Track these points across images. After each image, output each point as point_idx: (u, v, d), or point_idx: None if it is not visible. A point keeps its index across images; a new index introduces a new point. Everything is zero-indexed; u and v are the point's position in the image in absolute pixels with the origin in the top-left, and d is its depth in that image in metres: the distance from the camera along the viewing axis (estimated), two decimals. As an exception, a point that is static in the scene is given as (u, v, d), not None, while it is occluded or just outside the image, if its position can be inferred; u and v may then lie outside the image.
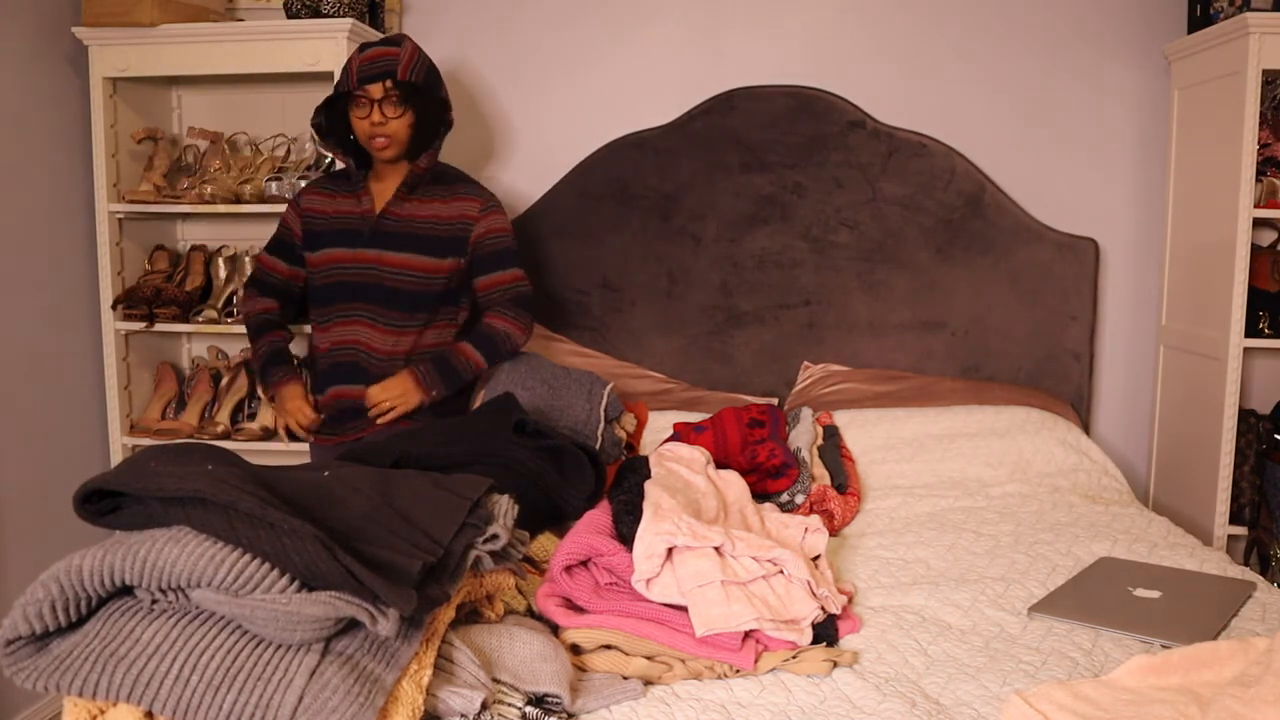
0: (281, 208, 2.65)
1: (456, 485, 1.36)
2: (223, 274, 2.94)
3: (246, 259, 2.93)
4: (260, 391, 2.81)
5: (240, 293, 2.89)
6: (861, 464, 2.42)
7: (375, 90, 2.23)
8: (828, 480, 2.18)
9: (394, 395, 2.24)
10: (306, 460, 2.49)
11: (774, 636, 1.38)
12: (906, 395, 2.75)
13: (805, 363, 2.92)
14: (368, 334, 2.33)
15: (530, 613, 1.43)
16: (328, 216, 2.38)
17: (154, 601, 1.10)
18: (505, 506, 1.37)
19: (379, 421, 2.25)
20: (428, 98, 2.29)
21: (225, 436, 2.83)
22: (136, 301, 2.79)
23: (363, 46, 2.29)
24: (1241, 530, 2.63)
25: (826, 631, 1.44)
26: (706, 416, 2.50)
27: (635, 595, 1.42)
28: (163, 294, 2.79)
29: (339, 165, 2.51)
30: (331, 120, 2.33)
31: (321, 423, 2.37)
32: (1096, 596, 1.63)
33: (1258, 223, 2.60)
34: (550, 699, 1.22)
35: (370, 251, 2.32)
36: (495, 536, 1.31)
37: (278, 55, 2.70)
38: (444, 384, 2.27)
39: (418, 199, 2.33)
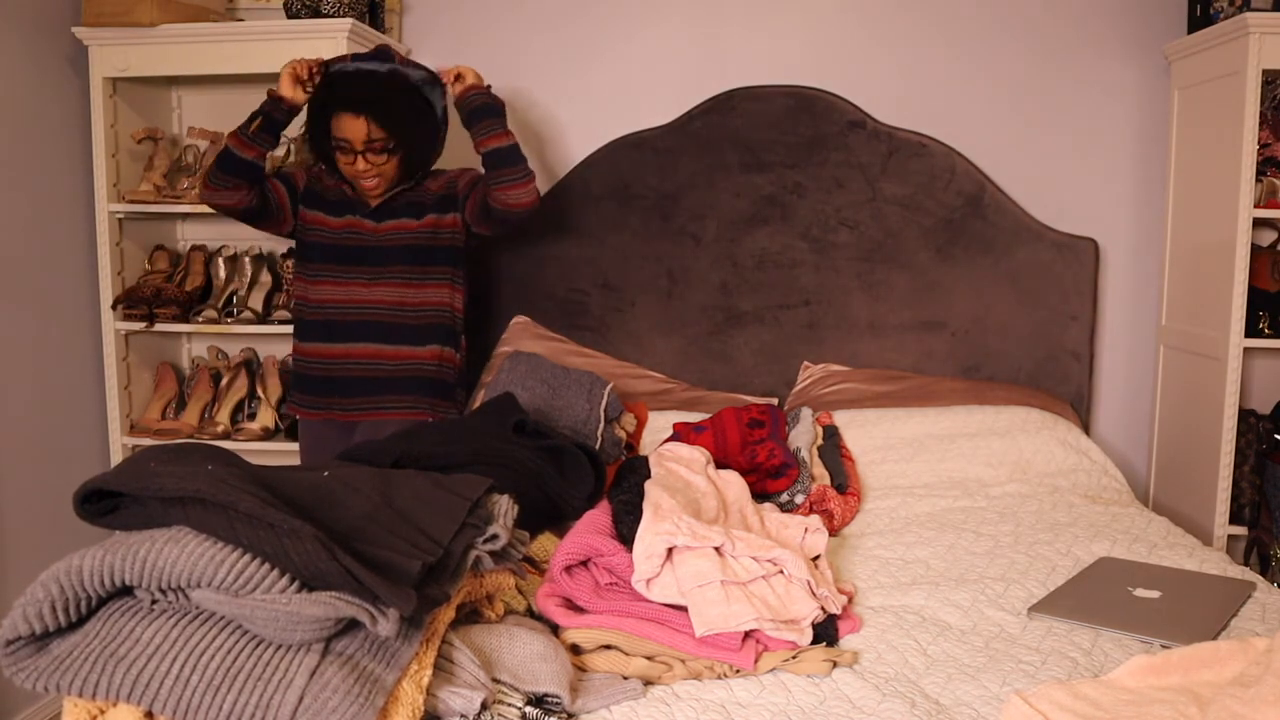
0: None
1: (456, 485, 1.36)
2: (223, 274, 2.94)
3: (246, 259, 2.93)
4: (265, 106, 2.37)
5: (240, 294, 2.90)
6: (861, 464, 2.42)
7: (356, 141, 2.25)
8: (827, 480, 2.18)
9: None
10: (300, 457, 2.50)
11: (774, 636, 1.38)
12: (906, 395, 2.75)
13: (805, 363, 2.92)
14: (387, 292, 2.36)
15: (530, 613, 1.43)
16: (327, 186, 2.43)
17: (154, 602, 1.10)
18: (505, 506, 1.37)
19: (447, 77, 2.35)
20: (412, 136, 2.32)
21: (225, 436, 2.83)
22: (136, 301, 2.79)
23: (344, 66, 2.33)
24: (1241, 530, 2.63)
25: (826, 631, 1.44)
26: (706, 416, 2.50)
27: (635, 595, 1.42)
28: (163, 294, 2.79)
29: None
30: (313, 135, 2.36)
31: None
32: (1096, 596, 1.63)
33: (1258, 223, 2.59)
34: (550, 699, 1.22)
35: (366, 221, 2.37)
36: (495, 536, 1.31)
37: (278, 55, 2.68)
38: (497, 109, 2.35)
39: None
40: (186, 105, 3.11)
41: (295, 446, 2.61)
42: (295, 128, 2.92)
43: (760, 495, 2.03)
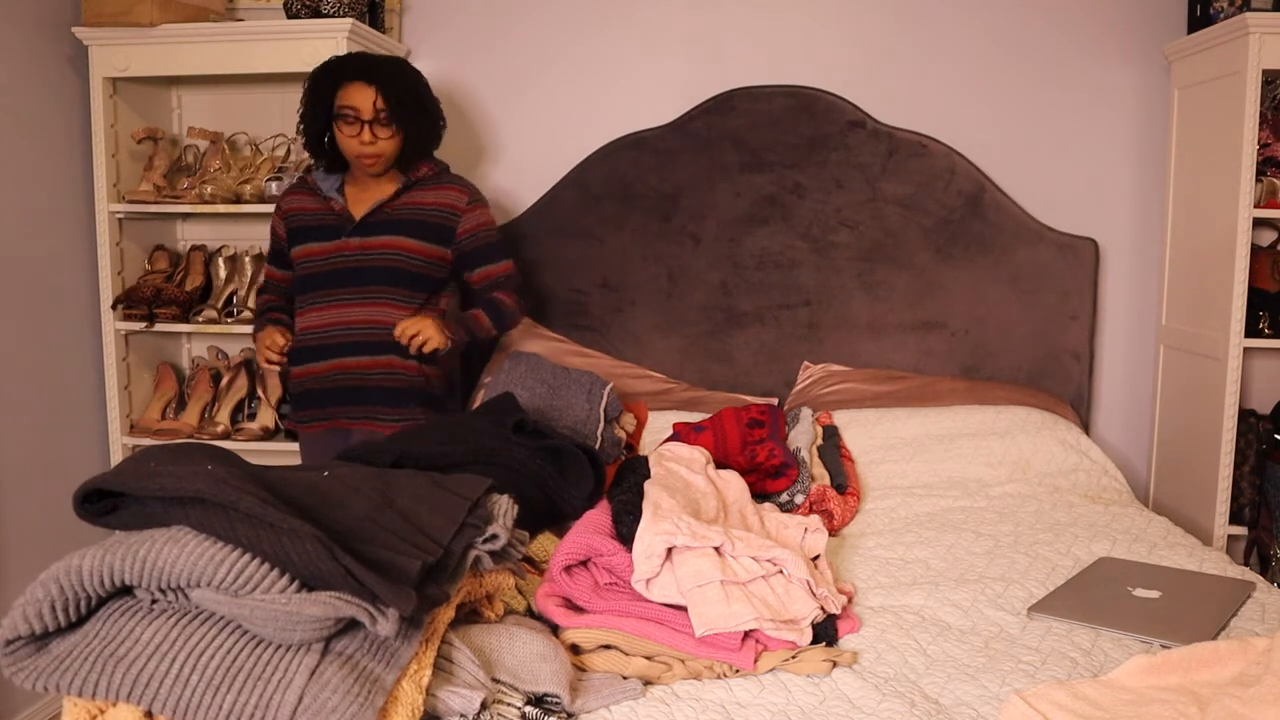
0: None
1: (456, 485, 1.36)
2: (222, 274, 2.94)
3: (246, 259, 2.93)
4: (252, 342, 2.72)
5: (240, 294, 2.90)
6: (861, 464, 2.42)
7: (365, 110, 2.24)
8: (827, 480, 2.18)
9: (423, 327, 2.24)
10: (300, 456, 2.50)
11: (773, 636, 1.38)
12: (906, 395, 2.75)
13: (805, 363, 2.92)
14: (369, 312, 2.32)
15: (530, 613, 1.43)
16: (310, 213, 2.40)
17: (154, 601, 1.10)
18: (505, 506, 1.37)
19: (411, 349, 2.26)
20: (418, 114, 2.31)
21: (225, 436, 2.83)
22: (136, 301, 2.79)
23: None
24: (1241, 530, 2.63)
25: (826, 631, 1.44)
26: (706, 416, 2.50)
27: (635, 595, 1.42)
28: (163, 294, 2.80)
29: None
30: (311, 127, 2.35)
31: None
32: (1096, 596, 1.63)
33: (1258, 223, 2.60)
34: (550, 699, 1.22)
35: (353, 240, 2.33)
36: (495, 536, 1.31)
37: (278, 55, 2.71)
38: (464, 332, 2.34)
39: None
40: (186, 105, 3.11)
41: (295, 446, 2.62)
42: (294, 129, 2.93)
43: (760, 495, 2.03)
